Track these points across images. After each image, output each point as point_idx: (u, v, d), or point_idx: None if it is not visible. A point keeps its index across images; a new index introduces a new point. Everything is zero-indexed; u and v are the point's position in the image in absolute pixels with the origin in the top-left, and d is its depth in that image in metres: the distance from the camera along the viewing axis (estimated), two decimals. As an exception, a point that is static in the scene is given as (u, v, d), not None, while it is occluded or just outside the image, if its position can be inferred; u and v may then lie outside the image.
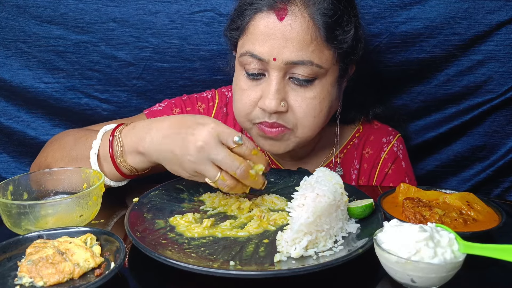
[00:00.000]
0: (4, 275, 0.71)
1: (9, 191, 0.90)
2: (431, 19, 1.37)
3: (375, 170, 1.27)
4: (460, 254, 0.68)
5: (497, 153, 1.48)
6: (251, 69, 1.06)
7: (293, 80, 1.05)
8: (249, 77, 1.08)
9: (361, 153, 1.29)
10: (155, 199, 0.97)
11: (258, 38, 1.03)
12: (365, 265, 0.77)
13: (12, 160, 1.55)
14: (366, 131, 1.30)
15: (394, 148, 1.28)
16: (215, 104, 1.31)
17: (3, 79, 1.47)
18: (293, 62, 1.01)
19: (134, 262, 0.79)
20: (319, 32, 1.01)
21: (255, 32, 1.04)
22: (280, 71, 1.03)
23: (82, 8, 1.43)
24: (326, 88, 1.07)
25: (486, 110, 1.44)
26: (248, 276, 0.70)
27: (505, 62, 1.39)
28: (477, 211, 0.89)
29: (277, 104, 1.03)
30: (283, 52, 1.00)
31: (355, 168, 1.28)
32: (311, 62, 1.01)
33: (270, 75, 1.04)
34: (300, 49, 1.00)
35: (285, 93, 1.05)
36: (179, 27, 1.44)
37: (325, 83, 1.06)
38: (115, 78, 1.50)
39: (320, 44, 1.02)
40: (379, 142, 1.29)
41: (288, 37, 1.00)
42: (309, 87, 1.05)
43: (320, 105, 1.07)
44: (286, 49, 1.00)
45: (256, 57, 1.03)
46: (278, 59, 1.01)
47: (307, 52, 1.01)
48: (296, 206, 0.80)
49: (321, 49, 1.02)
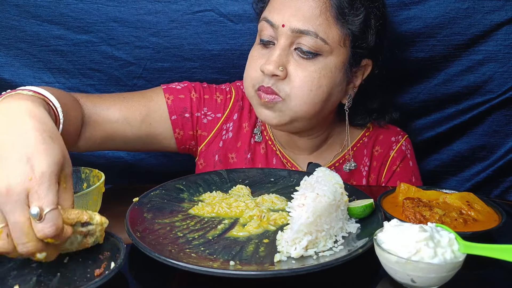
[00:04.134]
0: (4, 275, 0.71)
1: (9, 191, 0.90)
2: (431, 19, 1.37)
3: (384, 168, 1.30)
4: (460, 254, 0.68)
5: (497, 153, 1.48)
6: (264, 35, 1.12)
7: (297, 51, 1.08)
8: (261, 44, 1.14)
9: (371, 151, 1.31)
10: (155, 199, 0.97)
11: (276, 7, 1.11)
12: (365, 265, 0.77)
13: (12, 160, 1.55)
14: (375, 131, 1.33)
15: (403, 147, 1.31)
16: (232, 97, 1.32)
17: (4, 79, 1.47)
18: (299, 31, 1.06)
19: (134, 262, 0.79)
20: (330, 8, 1.07)
21: (275, 1, 1.12)
22: (287, 39, 1.08)
23: (82, 8, 1.43)
24: (329, 67, 1.09)
25: (486, 110, 1.44)
26: (248, 276, 0.70)
27: (505, 62, 1.39)
28: (477, 211, 0.89)
29: (275, 67, 1.06)
30: (292, 20, 1.06)
31: (365, 165, 1.30)
32: (316, 34, 1.06)
33: (277, 42, 1.10)
34: (308, 19, 1.06)
35: (287, 61, 1.09)
36: (179, 27, 1.44)
37: (328, 62, 1.09)
38: (115, 77, 1.50)
39: (329, 20, 1.07)
40: (388, 141, 1.31)
41: (299, 7, 1.07)
42: (311, 61, 1.08)
43: (318, 80, 1.08)
44: (295, 17, 1.06)
45: (269, 23, 1.10)
46: (286, 26, 1.07)
47: (314, 24, 1.06)
48: (296, 206, 0.80)
49: (328, 25, 1.07)
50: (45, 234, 0.65)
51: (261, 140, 1.30)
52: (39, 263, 0.74)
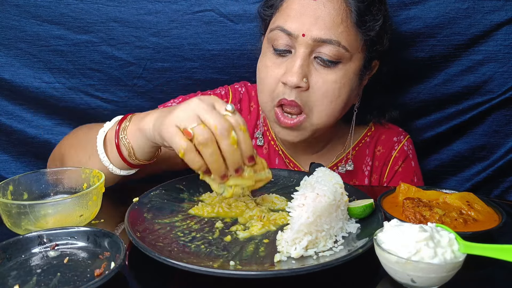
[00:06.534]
0: (4, 275, 0.71)
1: (9, 191, 0.90)
2: (431, 19, 1.37)
3: (386, 168, 1.30)
4: (460, 254, 0.68)
5: (497, 153, 1.48)
6: (279, 45, 1.08)
7: (318, 60, 1.06)
8: (275, 53, 1.10)
9: (373, 151, 1.31)
10: (155, 199, 0.97)
11: (291, 14, 1.06)
12: (365, 265, 0.77)
13: (12, 160, 1.55)
14: (377, 131, 1.33)
15: (405, 147, 1.31)
16: (229, 100, 1.32)
17: (4, 79, 1.47)
18: (321, 40, 1.03)
19: (134, 262, 0.79)
20: (350, 15, 1.04)
21: (288, 8, 1.07)
22: (307, 48, 1.05)
23: (83, 8, 1.43)
24: (348, 74, 1.08)
25: (486, 110, 1.44)
26: (248, 276, 0.69)
27: (505, 62, 1.39)
28: (477, 211, 0.89)
29: (299, 79, 1.03)
30: (313, 29, 1.03)
31: (368, 165, 1.30)
32: (339, 42, 1.03)
33: (296, 52, 1.06)
34: (330, 27, 1.03)
35: (308, 71, 1.06)
36: (179, 27, 1.44)
37: (348, 68, 1.08)
38: (115, 77, 1.50)
39: (349, 27, 1.05)
40: (390, 141, 1.31)
41: (319, 16, 1.03)
42: (332, 70, 1.06)
43: (339, 90, 1.07)
44: (316, 26, 1.03)
45: (285, 32, 1.06)
46: (307, 35, 1.03)
47: (336, 32, 1.03)
48: (296, 206, 0.80)
49: (349, 32, 1.05)
50: (239, 122, 0.83)
51: (262, 143, 1.30)
52: (39, 263, 0.74)
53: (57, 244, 0.79)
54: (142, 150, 0.98)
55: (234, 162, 0.83)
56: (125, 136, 0.97)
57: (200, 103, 0.84)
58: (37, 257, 0.76)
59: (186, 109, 0.84)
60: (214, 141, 0.81)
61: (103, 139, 1.00)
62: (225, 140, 0.81)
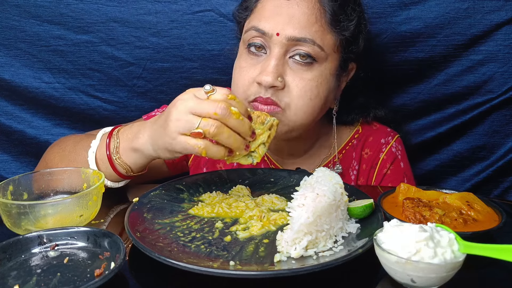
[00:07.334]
0: (4, 275, 0.71)
1: (9, 191, 0.90)
2: (431, 19, 1.37)
3: (374, 171, 1.27)
4: (460, 254, 0.68)
5: (497, 153, 1.48)
6: (254, 45, 1.08)
7: (293, 59, 1.06)
8: (250, 54, 1.10)
9: (360, 154, 1.28)
10: (155, 199, 0.97)
11: (265, 14, 1.07)
12: (365, 265, 0.77)
13: (12, 160, 1.55)
14: (365, 132, 1.30)
15: (393, 149, 1.28)
16: None
17: (4, 79, 1.47)
18: (296, 39, 1.03)
19: (134, 262, 0.79)
20: (325, 14, 1.05)
21: (262, 9, 1.08)
22: (282, 48, 1.04)
23: (83, 8, 1.43)
24: (325, 74, 1.08)
25: (486, 110, 1.44)
26: (248, 276, 0.70)
27: (505, 62, 1.39)
28: (477, 211, 0.89)
29: (274, 78, 1.03)
30: (287, 28, 1.03)
31: (354, 169, 1.28)
32: (313, 41, 1.03)
33: (271, 52, 1.06)
34: (304, 26, 1.03)
35: (283, 70, 1.06)
36: (179, 27, 1.44)
37: (324, 69, 1.08)
38: (115, 78, 1.50)
39: (324, 27, 1.05)
40: (378, 143, 1.28)
41: (293, 15, 1.03)
42: (308, 69, 1.06)
43: (317, 88, 1.07)
44: (290, 25, 1.03)
45: (260, 31, 1.06)
46: (281, 35, 1.03)
47: (310, 31, 1.04)
48: (296, 206, 0.80)
49: (324, 32, 1.05)
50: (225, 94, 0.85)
51: None
52: (39, 263, 0.74)
53: (57, 244, 0.79)
54: (139, 166, 1.02)
55: (246, 130, 0.88)
56: (119, 157, 0.99)
57: (186, 102, 0.86)
58: (37, 257, 0.76)
59: (179, 115, 0.86)
60: (223, 125, 0.85)
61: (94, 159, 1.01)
62: (230, 119, 0.85)
